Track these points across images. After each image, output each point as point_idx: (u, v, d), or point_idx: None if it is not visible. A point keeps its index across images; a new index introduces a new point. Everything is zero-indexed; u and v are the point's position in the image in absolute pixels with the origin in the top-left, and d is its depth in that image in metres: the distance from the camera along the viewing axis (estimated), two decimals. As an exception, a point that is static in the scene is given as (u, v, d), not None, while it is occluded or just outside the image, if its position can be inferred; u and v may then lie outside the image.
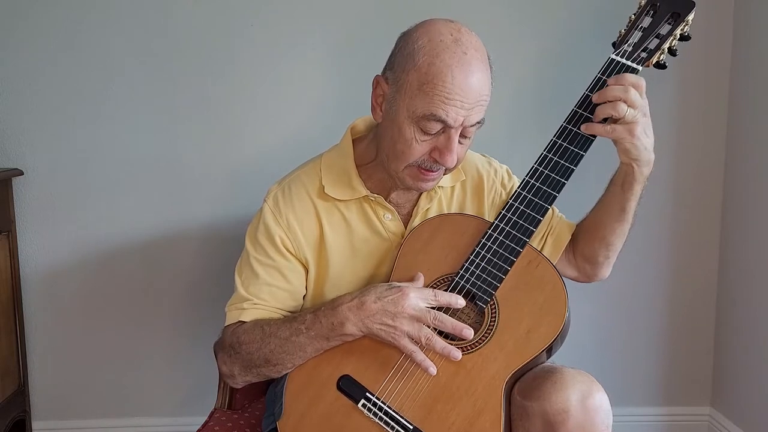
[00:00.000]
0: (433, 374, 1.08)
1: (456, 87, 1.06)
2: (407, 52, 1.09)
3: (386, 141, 1.15)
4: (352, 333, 1.10)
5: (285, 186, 1.26)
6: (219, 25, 1.81)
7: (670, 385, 2.04)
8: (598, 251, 1.29)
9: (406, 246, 1.19)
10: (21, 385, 1.85)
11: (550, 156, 1.13)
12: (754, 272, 1.85)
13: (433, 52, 1.07)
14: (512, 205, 1.14)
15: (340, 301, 1.12)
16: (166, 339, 1.92)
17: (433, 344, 1.08)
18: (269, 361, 1.15)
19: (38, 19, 1.77)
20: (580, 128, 1.11)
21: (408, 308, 1.08)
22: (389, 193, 1.24)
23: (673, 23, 1.15)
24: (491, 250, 1.13)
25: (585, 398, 1.04)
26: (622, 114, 1.06)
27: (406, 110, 1.09)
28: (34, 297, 1.88)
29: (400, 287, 1.10)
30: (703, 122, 1.94)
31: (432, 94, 1.06)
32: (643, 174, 1.16)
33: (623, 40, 1.16)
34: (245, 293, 1.22)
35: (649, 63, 1.15)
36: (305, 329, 1.12)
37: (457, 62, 1.06)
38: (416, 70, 1.07)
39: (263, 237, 1.23)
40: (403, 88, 1.09)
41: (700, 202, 1.97)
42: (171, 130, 1.84)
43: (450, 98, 1.06)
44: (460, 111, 1.07)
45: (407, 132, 1.10)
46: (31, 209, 1.84)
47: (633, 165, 1.14)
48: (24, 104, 1.80)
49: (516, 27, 1.85)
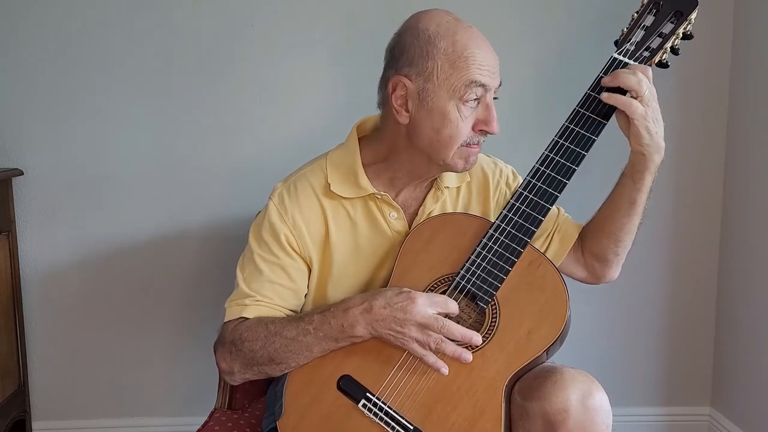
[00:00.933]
0: (446, 374, 1.09)
1: (482, 54, 1.13)
2: (422, 43, 1.13)
3: (425, 136, 1.16)
4: (362, 335, 1.11)
5: (291, 184, 1.26)
6: (219, 25, 1.81)
7: (670, 385, 2.04)
8: (607, 247, 1.29)
9: (407, 245, 1.19)
10: (21, 385, 1.85)
11: (552, 155, 1.13)
12: (754, 272, 1.85)
13: (448, 32, 1.12)
14: (513, 205, 1.14)
15: (351, 303, 1.12)
16: (166, 339, 1.92)
17: (443, 349, 1.09)
18: (273, 359, 1.14)
19: (38, 19, 1.77)
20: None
21: (416, 315, 1.08)
22: (396, 192, 1.25)
23: (675, 22, 1.15)
24: (492, 250, 1.13)
25: (585, 398, 1.04)
26: (642, 91, 1.07)
27: (446, 91, 1.12)
28: (34, 297, 1.88)
29: (410, 294, 1.10)
30: (703, 122, 1.94)
31: (466, 65, 1.11)
32: (655, 162, 1.15)
33: (626, 39, 1.16)
34: (247, 289, 1.22)
35: (652, 62, 1.15)
36: (313, 330, 1.12)
37: (470, 35, 1.13)
38: (443, 52, 1.12)
39: (268, 234, 1.23)
40: (434, 74, 1.12)
41: (701, 202, 1.97)
42: (171, 129, 1.84)
43: (483, 65, 1.12)
44: (492, 74, 1.14)
45: (452, 113, 1.13)
46: (31, 209, 1.84)
47: (644, 152, 1.13)
48: (24, 104, 1.80)
49: (516, 26, 1.85)
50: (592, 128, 1.12)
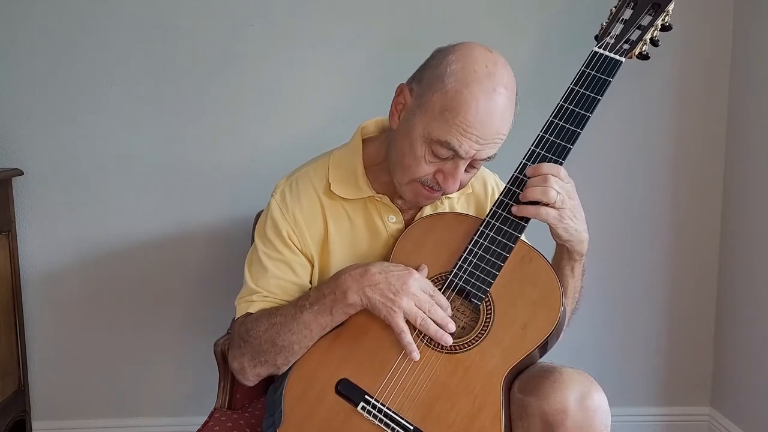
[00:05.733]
0: (416, 359, 1.09)
1: (476, 121, 1.06)
2: (438, 72, 1.09)
3: (396, 150, 1.16)
4: (354, 302, 1.11)
5: (293, 181, 1.26)
6: (220, 26, 1.81)
7: (670, 385, 2.04)
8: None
9: (399, 247, 1.19)
10: (21, 385, 1.85)
11: (538, 151, 1.14)
12: (755, 272, 1.85)
13: (464, 80, 1.06)
14: (503, 202, 1.14)
15: (345, 270, 1.13)
16: (166, 339, 1.92)
17: (427, 326, 1.09)
18: (275, 343, 1.14)
19: (38, 19, 1.77)
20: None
21: (411, 287, 1.09)
22: (395, 195, 1.25)
23: (653, 14, 1.16)
24: (484, 247, 1.13)
25: (584, 398, 1.04)
26: (552, 199, 1.08)
27: (422, 129, 1.10)
28: (34, 297, 1.88)
29: (407, 267, 1.12)
30: (703, 122, 1.94)
31: (451, 123, 1.07)
32: (579, 251, 1.18)
33: (605, 33, 1.17)
34: (254, 286, 1.23)
35: (632, 54, 1.16)
36: (309, 305, 1.13)
37: (484, 97, 1.06)
38: (443, 93, 1.07)
39: (271, 231, 1.23)
40: (424, 107, 1.10)
41: (700, 202, 1.97)
42: (171, 130, 1.84)
43: (467, 131, 1.07)
44: (474, 145, 1.08)
45: (418, 150, 1.11)
46: (31, 209, 1.84)
47: (566, 246, 1.17)
48: (24, 104, 1.80)
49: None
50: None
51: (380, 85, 1.32)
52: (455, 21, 1.82)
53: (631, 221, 1.97)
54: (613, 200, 1.95)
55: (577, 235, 1.14)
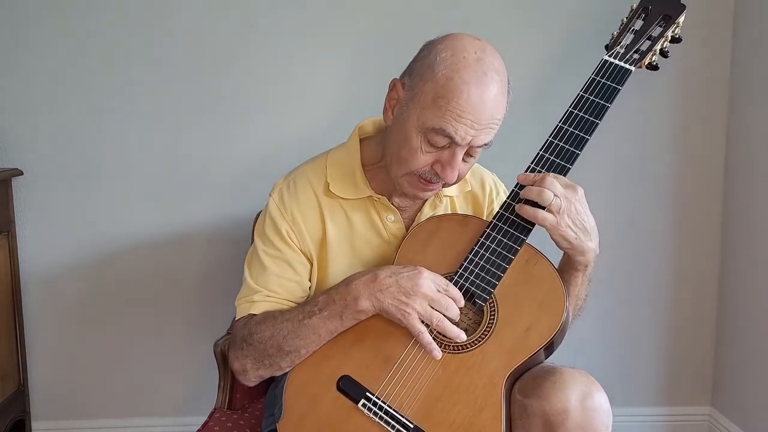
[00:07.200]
0: (438, 358, 1.08)
1: (469, 106, 1.06)
2: (428, 62, 1.10)
3: (392, 145, 1.16)
4: (365, 309, 1.10)
5: (290, 181, 1.26)
6: (220, 26, 1.81)
7: (670, 385, 2.04)
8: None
9: (404, 248, 1.19)
10: (21, 385, 1.85)
11: (547, 156, 1.14)
12: (755, 272, 1.85)
13: (454, 67, 1.07)
14: (510, 205, 1.15)
15: (354, 277, 1.13)
16: (166, 339, 1.92)
17: (444, 327, 1.08)
18: (282, 348, 1.14)
19: (39, 20, 1.77)
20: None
21: (423, 287, 1.09)
22: (393, 195, 1.25)
23: (664, 25, 1.17)
24: (490, 249, 1.13)
25: (584, 398, 1.04)
26: (547, 201, 1.08)
27: (416, 119, 1.10)
28: (34, 297, 1.88)
29: (416, 267, 1.11)
30: (703, 122, 1.94)
31: (444, 109, 1.07)
32: (581, 262, 1.16)
33: (616, 42, 1.18)
34: (255, 285, 1.22)
35: (642, 64, 1.17)
36: (318, 310, 1.13)
37: (475, 81, 1.06)
38: (434, 81, 1.08)
39: (270, 230, 1.23)
40: (417, 97, 1.10)
41: (701, 202, 1.98)
42: (172, 130, 1.84)
43: (462, 116, 1.06)
44: (469, 130, 1.08)
45: (414, 141, 1.11)
46: (31, 209, 1.84)
47: (568, 253, 1.16)
48: (24, 104, 1.80)
49: (514, 31, 1.85)
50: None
51: (378, 86, 1.32)
52: (456, 22, 1.82)
53: (632, 222, 1.97)
54: (614, 201, 1.95)
55: (578, 244, 1.13)
